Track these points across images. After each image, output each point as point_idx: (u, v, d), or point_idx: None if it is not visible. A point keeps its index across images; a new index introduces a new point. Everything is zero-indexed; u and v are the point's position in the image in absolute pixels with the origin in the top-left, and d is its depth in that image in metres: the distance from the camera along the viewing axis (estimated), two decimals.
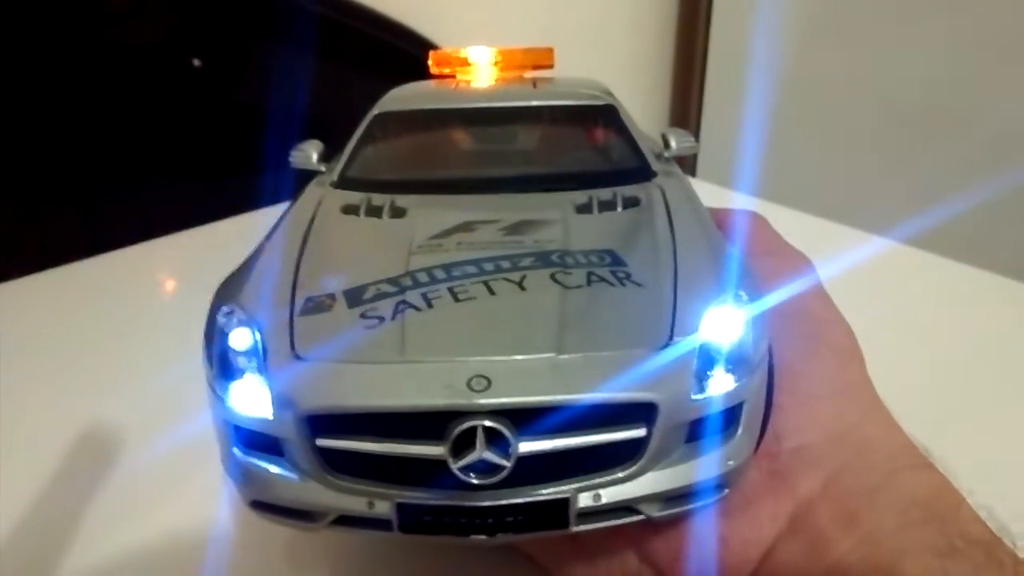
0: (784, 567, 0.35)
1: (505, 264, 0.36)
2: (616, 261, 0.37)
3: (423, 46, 1.01)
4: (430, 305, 0.34)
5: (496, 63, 0.55)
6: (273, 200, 0.71)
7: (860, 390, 0.39)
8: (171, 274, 0.85)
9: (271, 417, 0.31)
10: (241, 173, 0.77)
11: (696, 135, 0.50)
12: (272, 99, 0.79)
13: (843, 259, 0.49)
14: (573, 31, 1.19)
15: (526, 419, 0.30)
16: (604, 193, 0.43)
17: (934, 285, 0.76)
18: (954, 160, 1.06)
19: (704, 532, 0.36)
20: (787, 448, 0.37)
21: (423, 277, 0.35)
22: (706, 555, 0.36)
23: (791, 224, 0.48)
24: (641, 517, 0.32)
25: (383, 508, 0.31)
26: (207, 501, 0.48)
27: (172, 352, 0.58)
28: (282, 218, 0.44)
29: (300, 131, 0.54)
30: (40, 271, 0.80)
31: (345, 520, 0.32)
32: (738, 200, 0.86)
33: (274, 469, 0.32)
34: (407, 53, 0.98)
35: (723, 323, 0.33)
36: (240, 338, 0.33)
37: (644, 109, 0.43)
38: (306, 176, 0.50)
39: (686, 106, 1.41)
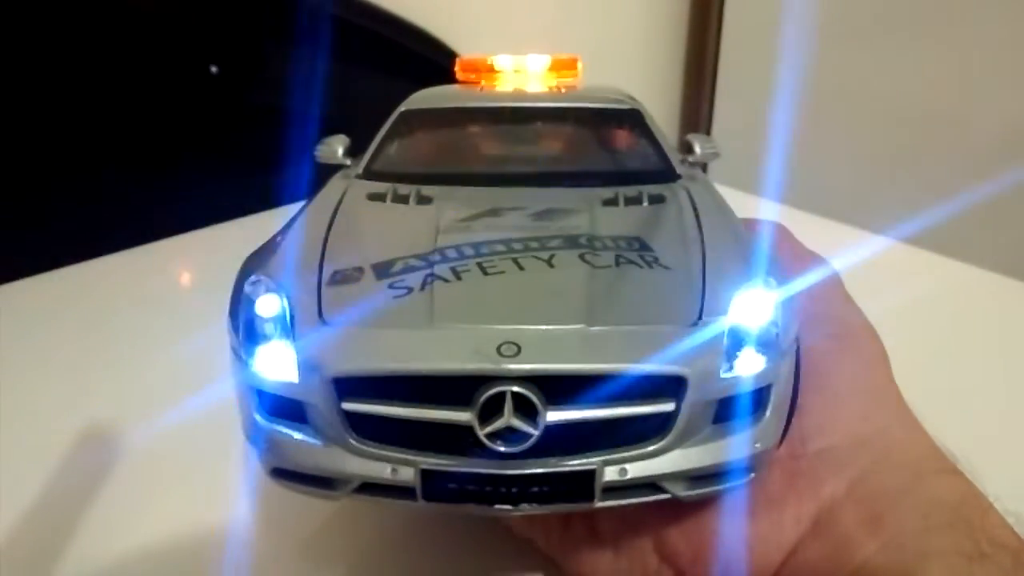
0: (807, 569, 0.34)
1: (534, 244, 0.36)
2: (644, 247, 0.37)
3: (439, 49, 1.02)
4: (459, 278, 0.34)
5: (521, 71, 0.56)
6: (290, 200, 0.71)
7: (886, 393, 0.39)
8: (185, 273, 0.84)
9: (297, 381, 0.31)
10: (257, 173, 0.78)
11: None
12: (289, 101, 0.79)
13: (862, 263, 0.48)
14: (584, 38, 1.20)
15: (555, 388, 0.29)
16: (630, 190, 0.43)
17: (958, 289, 0.76)
18: (971, 162, 1.05)
19: (726, 532, 0.35)
20: (812, 449, 0.36)
21: (451, 253, 0.36)
22: (727, 555, 0.35)
23: (807, 228, 0.48)
24: (667, 496, 0.31)
25: (407, 475, 0.30)
26: (219, 497, 0.47)
27: (183, 350, 0.58)
28: (307, 204, 0.44)
29: (317, 133, 0.54)
30: (53, 270, 0.80)
31: (367, 488, 0.31)
32: (752, 203, 0.86)
33: (297, 435, 0.32)
34: (425, 57, 1.00)
35: (753, 305, 0.33)
36: (267, 305, 0.33)
37: (655, 114, 0.44)
38: (327, 174, 0.50)
39: (697, 110, 1.42)
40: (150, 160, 0.86)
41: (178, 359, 0.59)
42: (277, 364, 0.32)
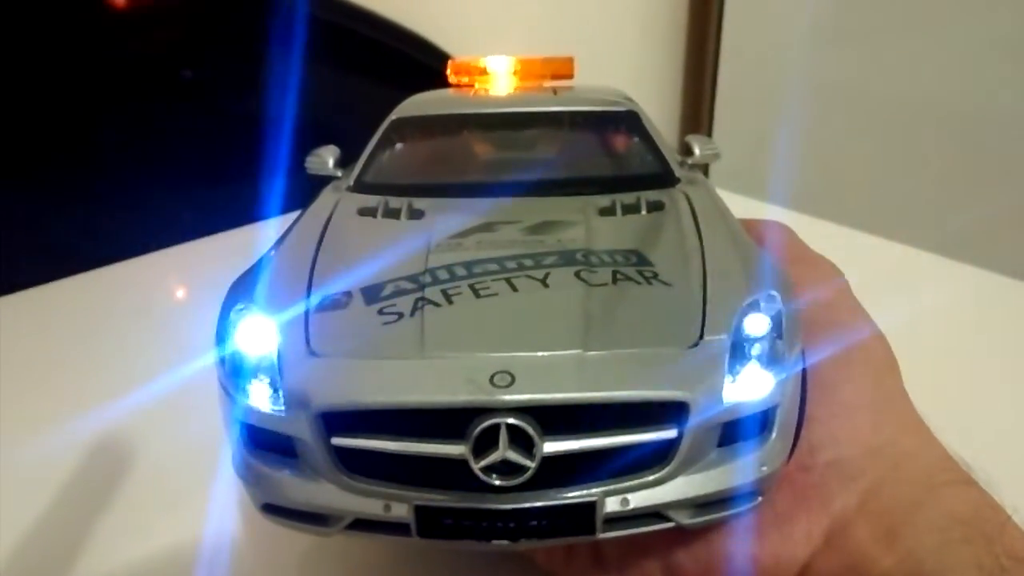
0: None
1: (528, 262, 0.35)
2: (642, 261, 0.35)
3: (432, 53, 1.01)
4: (450, 301, 0.32)
5: (515, 72, 0.55)
6: (282, 211, 0.70)
7: (897, 402, 0.38)
8: (177, 285, 0.84)
9: (284, 416, 0.30)
10: (249, 184, 0.77)
11: None
12: (281, 110, 0.78)
13: (867, 267, 0.47)
14: (582, 37, 1.18)
15: (551, 418, 0.28)
16: (627, 197, 0.42)
17: (969, 295, 0.74)
18: (980, 164, 1.03)
19: (735, 550, 0.34)
20: (822, 462, 0.35)
21: (443, 274, 0.34)
22: (737, 575, 0.34)
23: (812, 232, 0.46)
24: (671, 524, 0.30)
25: (400, 511, 0.29)
26: (215, 515, 0.47)
27: (175, 363, 0.57)
28: (296, 220, 0.43)
29: (309, 141, 0.53)
30: (44, 283, 0.79)
31: (360, 524, 0.30)
32: (755, 208, 0.85)
33: (287, 471, 0.31)
34: (417, 60, 0.98)
35: (755, 323, 0.31)
36: (253, 335, 0.32)
37: (654, 115, 0.43)
38: (319, 185, 0.49)
39: (697, 112, 1.40)
40: (141, 172, 0.85)
41: (173, 373, 0.58)
42: (264, 398, 0.31)
